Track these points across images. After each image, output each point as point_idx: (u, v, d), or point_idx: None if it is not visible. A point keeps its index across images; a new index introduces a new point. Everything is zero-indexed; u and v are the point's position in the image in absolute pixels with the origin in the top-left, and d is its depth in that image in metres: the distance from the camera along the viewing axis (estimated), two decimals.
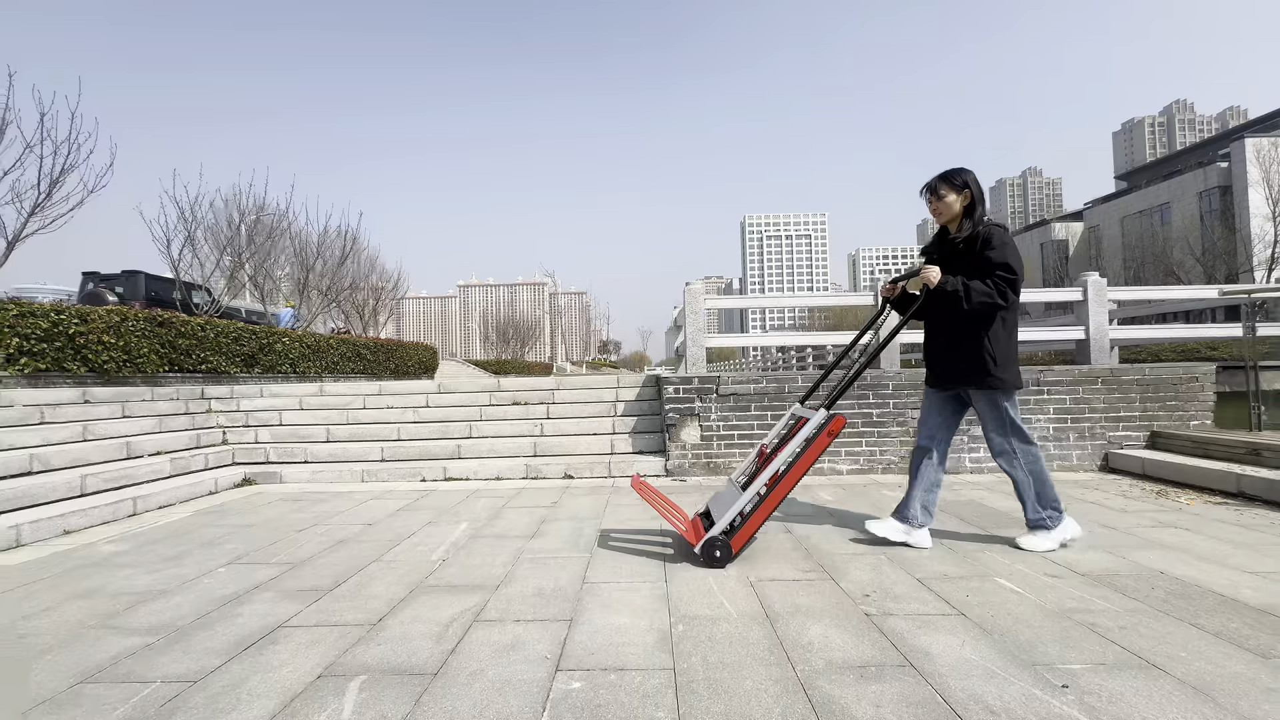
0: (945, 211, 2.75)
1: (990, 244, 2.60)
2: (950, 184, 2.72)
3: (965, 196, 2.71)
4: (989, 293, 2.55)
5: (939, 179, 2.76)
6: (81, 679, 1.74)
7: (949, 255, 2.75)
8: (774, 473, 2.62)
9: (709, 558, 2.59)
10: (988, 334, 2.65)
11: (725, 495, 2.90)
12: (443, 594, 2.37)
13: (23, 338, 7.51)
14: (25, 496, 3.55)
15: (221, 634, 2.03)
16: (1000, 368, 2.64)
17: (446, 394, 6.57)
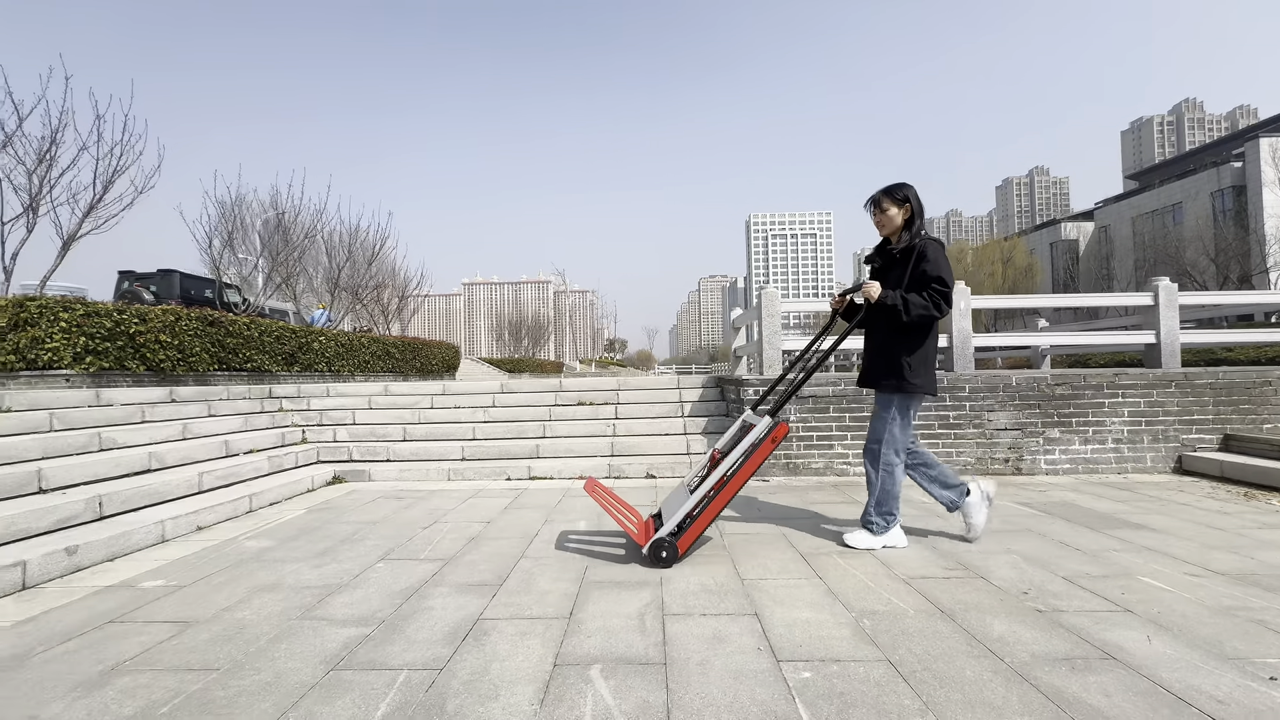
0: (887, 224, 2.92)
1: (925, 257, 2.78)
2: (892, 198, 2.89)
3: (906, 210, 2.88)
4: (926, 305, 2.73)
5: (882, 193, 2.93)
6: (332, 666, 1.85)
7: (888, 265, 2.95)
8: (720, 477, 2.76)
9: (655, 558, 2.71)
10: (908, 341, 2.85)
11: (676, 498, 3.00)
12: (610, 589, 2.47)
13: (89, 336, 7.67)
14: (154, 494, 3.67)
15: (429, 626, 2.14)
16: (913, 373, 2.84)
17: (511, 394, 6.68)
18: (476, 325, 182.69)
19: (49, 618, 2.27)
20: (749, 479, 2.80)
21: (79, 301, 7.78)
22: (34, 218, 8.92)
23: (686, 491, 2.92)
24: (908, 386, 2.84)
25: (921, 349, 2.86)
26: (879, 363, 2.95)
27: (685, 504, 2.76)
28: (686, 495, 2.86)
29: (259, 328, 10.79)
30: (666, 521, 2.77)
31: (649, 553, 2.71)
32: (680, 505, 2.80)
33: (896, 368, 2.86)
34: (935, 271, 2.75)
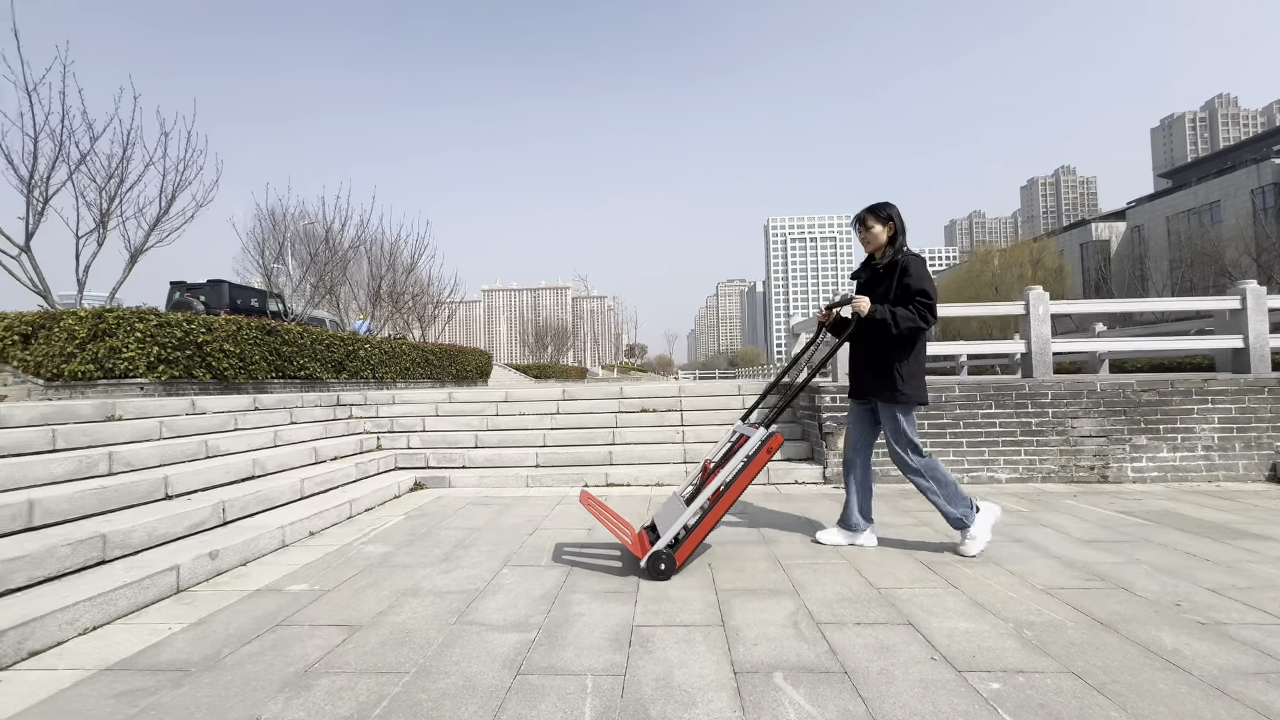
0: (872, 241, 3.07)
1: (909, 272, 2.92)
2: (877, 216, 3.04)
3: (890, 228, 3.03)
4: (913, 318, 2.87)
5: (867, 212, 3.07)
6: (514, 670, 1.90)
7: (874, 280, 3.09)
8: (716, 488, 2.77)
9: (654, 571, 2.69)
10: (900, 353, 2.95)
11: (670, 509, 2.96)
12: (748, 596, 2.50)
13: (161, 346, 7.93)
14: (265, 499, 3.78)
15: (588, 632, 2.18)
16: (906, 383, 2.95)
17: (573, 401, 6.75)
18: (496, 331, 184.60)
19: (217, 620, 2.35)
20: (745, 490, 2.83)
21: (152, 312, 8.05)
22: (104, 232, 9.25)
23: (680, 502, 2.92)
24: (901, 397, 2.96)
25: (911, 360, 2.97)
26: (872, 375, 3.06)
27: (681, 516, 2.75)
28: (681, 506, 2.86)
29: (310, 336, 11.06)
30: (663, 534, 2.76)
31: (647, 565, 2.68)
32: (676, 517, 2.78)
33: (889, 379, 2.97)
34: (919, 285, 2.89)
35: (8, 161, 8.20)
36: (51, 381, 7.62)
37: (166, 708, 1.71)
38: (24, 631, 2.04)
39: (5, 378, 7.76)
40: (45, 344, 7.64)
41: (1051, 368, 5.29)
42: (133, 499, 3.24)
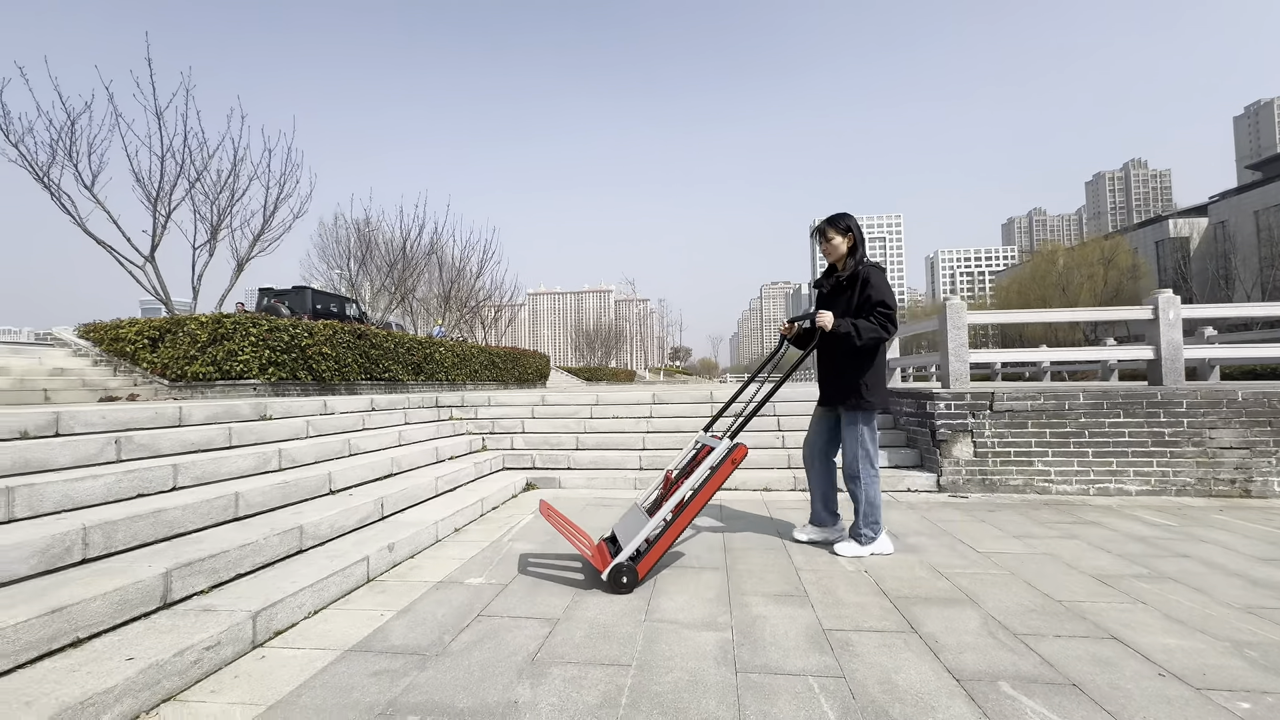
0: (833, 252, 3.19)
1: (869, 283, 3.05)
2: (836, 229, 3.15)
3: (849, 239, 3.15)
4: (875, 329, 3.00)
5: (826, 224, 3.18)
6: (733, 668, 1.96)
7: (837, 290, 3.19)
8: (680, 500, 2.76)
9: (615, 583, 2.63)
10: (863, 363, 3.08)
11: (631, 520, 2.92)
12: (928, 605, 2.49)
13: (271, 349, 8.45)
14: (410, 496, 4.00)
15: (785, 634, 2.23)
16: (870, 391, 3.09)
17: (664, 405, 6.83)
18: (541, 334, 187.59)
19: (421, 609, 2.52)
20: (709, 501, 2.85)
21: (264, 317, 8.59)
22: (214, 243, 9.95)
23: (641, 513, 2.89)
24: (865, 405, 3.09)
25: (874, 369, 3.10)
26: (837, 385, 3.17)
27: (645, 528, 2.72)
28: (642, 517, 2.84)
29: (394, 340, 11.56)
30: (624, 545, 2.73)
31: (609, 578, 2.63)
32: (638, 529, 2.76)
33: (855, 388, 3.09)
34: (879, 296, 3.02)
35: (137, 180, 8.94)
36: (175, 382, 8.23)
37: (425, 688, 1.85)
38: (269, 614, 2.24)
39: (135, 378, 8.43)
40: (171, 347, 8.27)
41: (1183, 374, 5.04)
42: (305, 493, 3.49)
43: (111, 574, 2.13)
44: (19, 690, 1.60)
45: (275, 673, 1.96)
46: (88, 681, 1.64)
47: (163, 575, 2.19)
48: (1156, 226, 58.81)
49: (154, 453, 3.29)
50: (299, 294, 16.37)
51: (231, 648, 2.04)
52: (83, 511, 2.51)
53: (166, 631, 1.98)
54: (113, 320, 9.01)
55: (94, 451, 3.00)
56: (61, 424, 3.16)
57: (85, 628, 1.90)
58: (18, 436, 2.95)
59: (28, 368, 7.65)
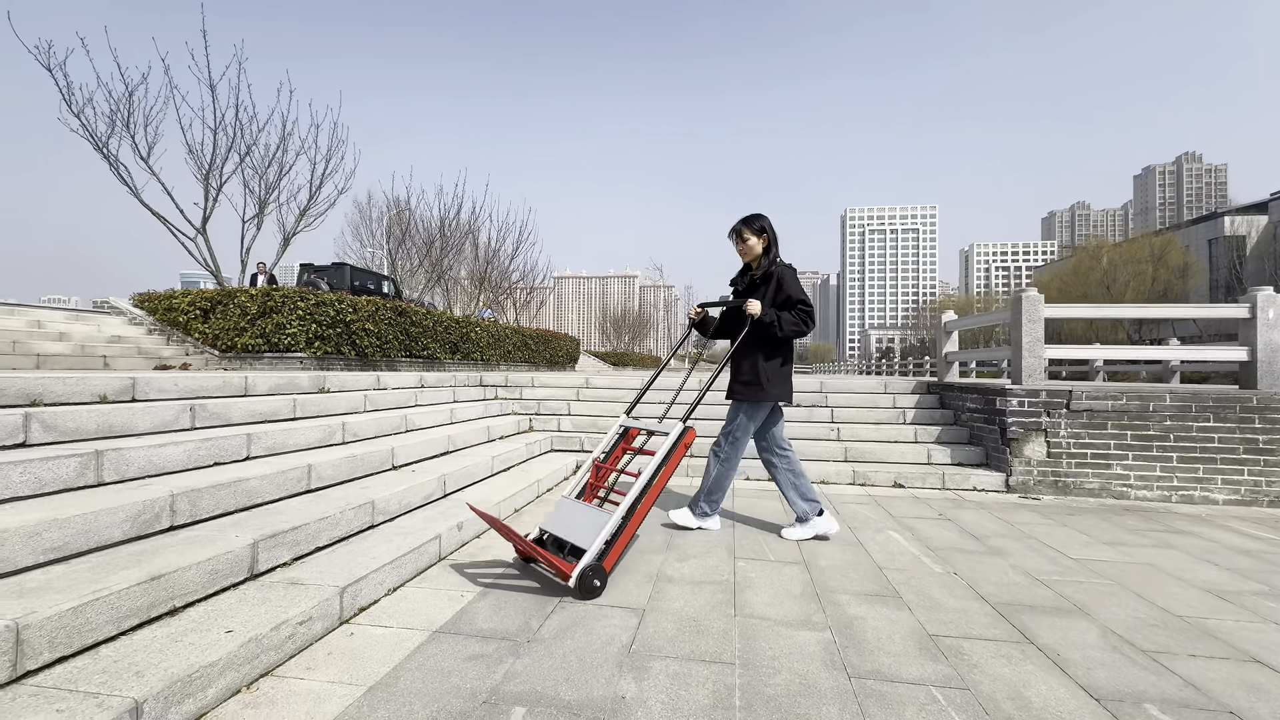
0: (749, 252, 3.24)
1: (785, 281, 3.13)
2: (751, 229, 3.20)
3: (764, 239, 3.21)
4: (796, 323, 3.08)
5: (742, 224, 3.22)
6: (846, 673, 1.85)
7: (751, 288, 3.23)
8: (638, 493, 2.59)
9: (587, 590, 2.38)
10: (773, 356, 3.17)
11: (572, 516, 2.64)
12: (1038, 614, 2.34)
13: (318, 323, 8.52)
14: (469, 474, 3.95)
15: (889, 637, 2.10)
16: (772, 384, 3.16)
17: (710, 391, 6.69)
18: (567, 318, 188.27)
19: (500, 592, 2.45)
20: (665, 487, 2.80)
21: (311, 291, 8.66)
22: (262, 216, 10.05)
23: (579, 506, 2.67)
24: (764, 396, 3.16)
25: (782, 363, 3.19)
26: (745, 375, 3.19)
27: (605, 526, 2.47)
28: (581, 509, 2.62)
29: (433, 318, 11.59)
30: (582, 545, 2.46)
31: (578, 585, 2.35)
32: (589, 525, 2.52)
33: (758, 379, 3.16)
34: (798, 295, 3.11)
35: (190, 151, 9.05)
36: (225, 353, 8.37)
37: (525, 676, 1.78)
38: (354, 590, 2.19)
39: (187, 348, 8.60)
40: (222, 319, 8.39)
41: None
42: (371, 468, 3.46)
43: (201, 543, 2.10)
44: (127, 659, 1.56)
45: (368, 652, 1.90)
46: (191, 654, 1.60)
47: (250, 546, 2.15)
48: (1210, 224, 56.10)
49: (226, 421, 3.28)
50: (338, 270, 16.55)
51: (321, 623, 2.00)
52: (166, 478, 2.49)
53: (258, 604, 1.94)
54: (166, 290, 9.19)
55: (170, 418, 2.99)
56: (138, 389, 3.16)
57: (181, 596, 1.87)
58: (98, 400, 2.96)
59: (87, 334, 7.84)
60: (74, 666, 1.52)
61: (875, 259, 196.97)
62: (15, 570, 1.75)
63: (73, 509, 1.94)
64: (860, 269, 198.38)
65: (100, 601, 1.63)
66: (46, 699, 1.38)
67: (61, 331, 7.67)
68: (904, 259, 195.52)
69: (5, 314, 7.85)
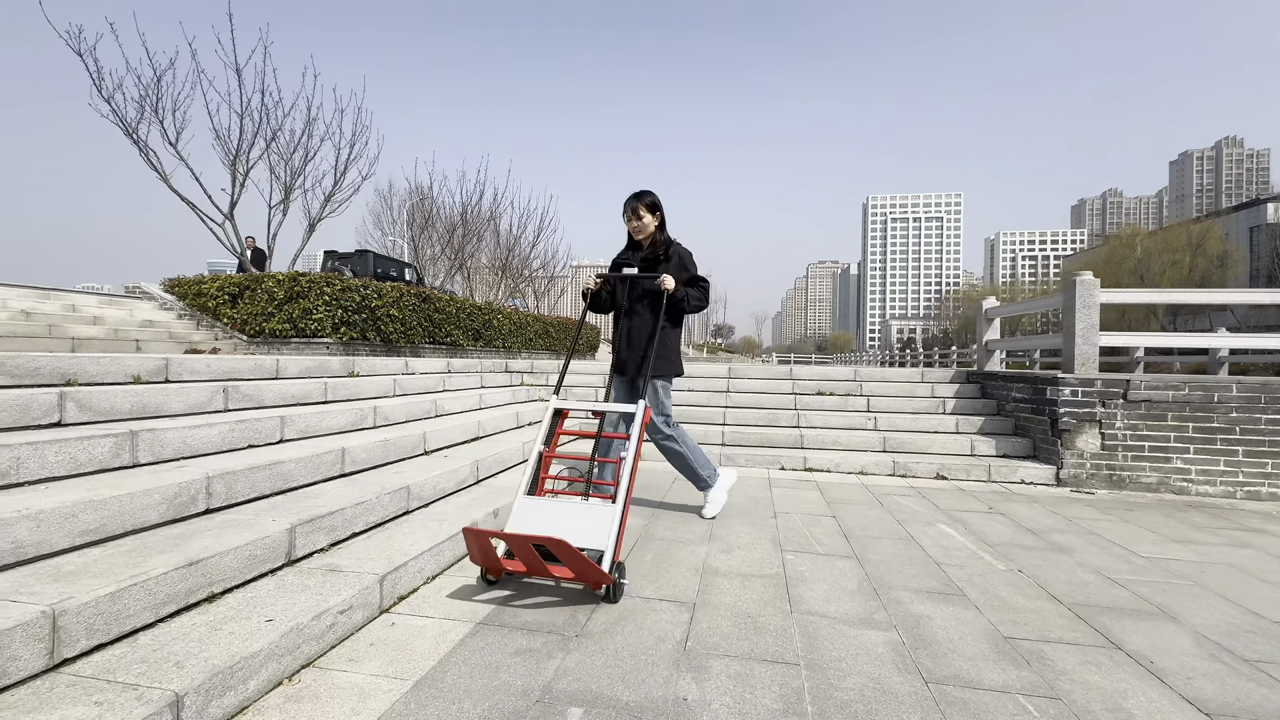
0: (642, 230, 3.14)
1: (688, 260, 3.15)
2: (645, 206, 3.11)
3: (657, 217, 3.14)
4: (701, 299, 3.12)
5: (637, 201, 3.11)
6: (921, 678, 1.71)
7: (650, 265, 3.14)
8: (627, 479, 2.39)
9: (619, 592, 2.20)
10: (673, 332, 3.19)
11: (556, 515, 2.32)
12: (1119, 616, 2.17)
13: (344, 309, 8.51)
14: (501, 460, 3.86)
15: (957, 638, 1.96)
16: (672, 362, 3.16)
17: (741, 379, 6.54)
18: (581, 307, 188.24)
19: (544, 584, 2.36)
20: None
21: (336, 277, 8.64)
22: (288, 202, 10.06)
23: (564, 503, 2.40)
24: (675, 370, 3.18)
25: (677, 339, 3.23)
26: (648, 352, 3.05)
27: (609, 522, 2.24)
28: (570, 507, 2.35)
29: (456, 305, 11.55)
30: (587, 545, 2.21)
31: (613, 592, 2.18)
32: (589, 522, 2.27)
33: (669, 354, 3.13)
34: (697, 272, 3.14)
35: (217, 137, 9.06)
36: (254, 338, 8.41)
37: (577, 673, 1.67)
38: (394, 578, 2.10)
39: (216, 332, 8.67)
40: (250, 303, 8.42)
41: None
42: (404, 452, 3.39)
43: (238, 527, 2.03)
44: (166, 648, 1.49)
45: (411, 643, 1.81)
46: (232, 644, 1.52)
47: (287, 531, 2.07)
48: (1253, 211, 53.87)
49: (259, 403, 3.23)
50: (361, 257, 16.63)
51: (362, 612, 1.91)
52: (201, 460, 2.43)
53: (298, 591, 1.86)
54: (195, 275, 9.27)
55: (204, 399, 2.94)
56: (171, 370, 3.12)
57: (219, 582, 1.80)
58: (131, 381, 2.91)
59: (120, 318, 7.93)
60: (112, 655, 1.45)
61: (897, 248, 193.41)
62: (52, 553, 1.68)
63: (109, 490, 1.87)
64: (882, 258, 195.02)
65: (138, 587, 1.56)
66: (84, 690, 1.30)
67: (95, 316, 7.76)
68: (927, 248, 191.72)
69: (41, 298, 7.97)
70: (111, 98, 8.27)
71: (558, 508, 2.38)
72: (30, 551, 1.63)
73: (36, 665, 1.34)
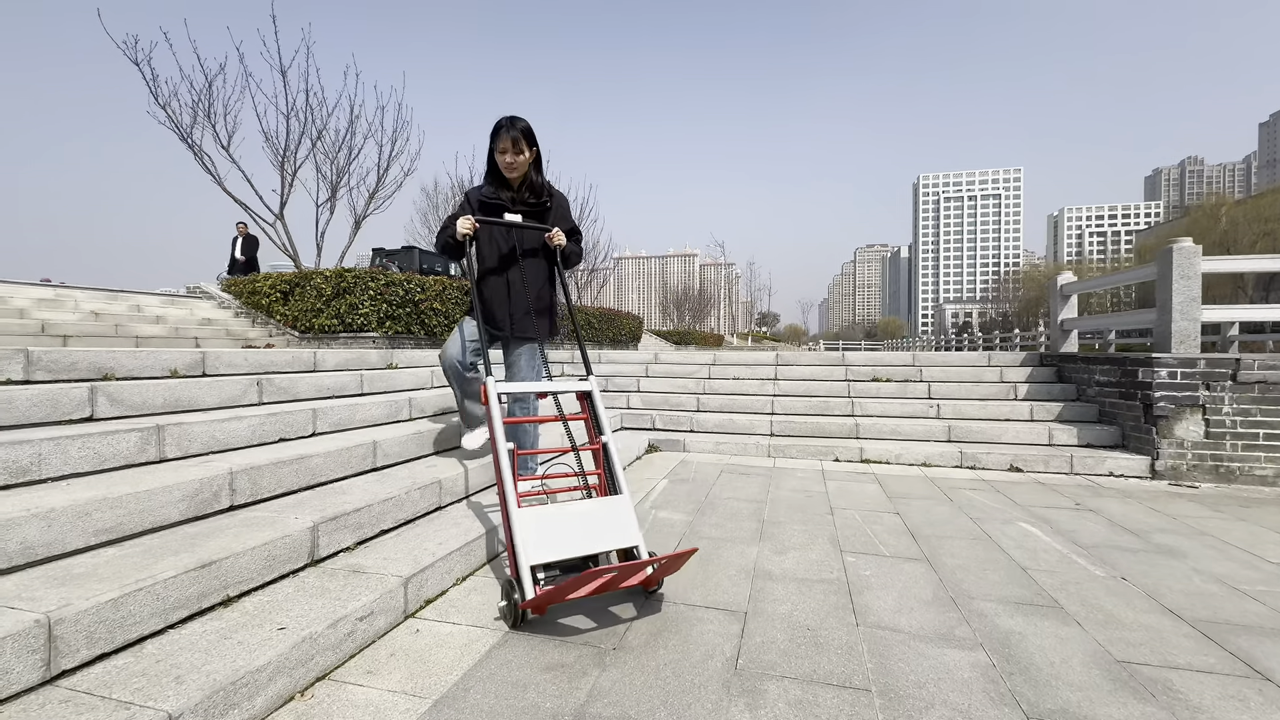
0: (519, 166, 2.63)
1: (566, 209, 2.81)
2: (526, 137, 2.58)
3: (533, 153, 2.64)
4: (579, 254, 2.87)
5: (518, 131, 2.55)
6: (1021, 711, 1.44)
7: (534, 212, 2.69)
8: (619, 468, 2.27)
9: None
10: (555, 289, 2.87)
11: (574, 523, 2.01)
12: (1257, 638, 1.82)
13: (389, 303, 8.61)
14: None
15: (1059, 661, 1.67)
16: (556, 325, 2.92)
17: (790, 366, 6.22)
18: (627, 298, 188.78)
19: None
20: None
21: (380, 271, 8.74)
22: (334, 200, 10.26)
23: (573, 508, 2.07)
24: (556, 331, 2.91)
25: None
26: (532, 312, 2.74)
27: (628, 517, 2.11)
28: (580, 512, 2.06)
29: None
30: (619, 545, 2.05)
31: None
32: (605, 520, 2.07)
33: (554, 311, 2.88)
34: (575, 223, 2.81)
35: (266, 138, 9.31)
36: (304, 334, 8.60)
37: (612, 695, 1.48)
38: (420, 580, 1.96)
39: (270, 329, 8.92)
40: (300, 300, 8.62)
41: None
42: (438, 445, 3.28)
43: (259, 525, 1.92)
44: (170, 659, 1.37)
45: (433, 654, 1.66)
46: (238, 656, 1.39)
47: (310, 529, 1.96)
48: None
49: (293, 396, 3.18)
50: (408, 253, 16.95)
51: (385, 618, 1.78)
52: (229, 454, 2.36)
53: (317, 594, 1.74)
54: (249, 275, 9.57)
55: (238, 393, 2.90)
56: (208, 364, 3.09)
57: (235, 585, 1.69)
58: (169, 375, 2.89)
59: (181, 317, 8.25)
60: (114, 666, 1.35)
61: (951, 228, 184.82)
62: (64, 553, 1.61)
63: (126, 487, 1.79)
64: (934, 240, 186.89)
65: (144, 592, 1.45)
66: (76, 708, 1.19)
67: (158, 315, 8.10)
68: (984, 227, 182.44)
69: (109, 300, 8.37)
70: (167, 104, 8.58)
71: (567, 515, 2.02)
72: (41, 552, 1.56)
73: (31, 678, 1.24)
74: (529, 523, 1.93)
